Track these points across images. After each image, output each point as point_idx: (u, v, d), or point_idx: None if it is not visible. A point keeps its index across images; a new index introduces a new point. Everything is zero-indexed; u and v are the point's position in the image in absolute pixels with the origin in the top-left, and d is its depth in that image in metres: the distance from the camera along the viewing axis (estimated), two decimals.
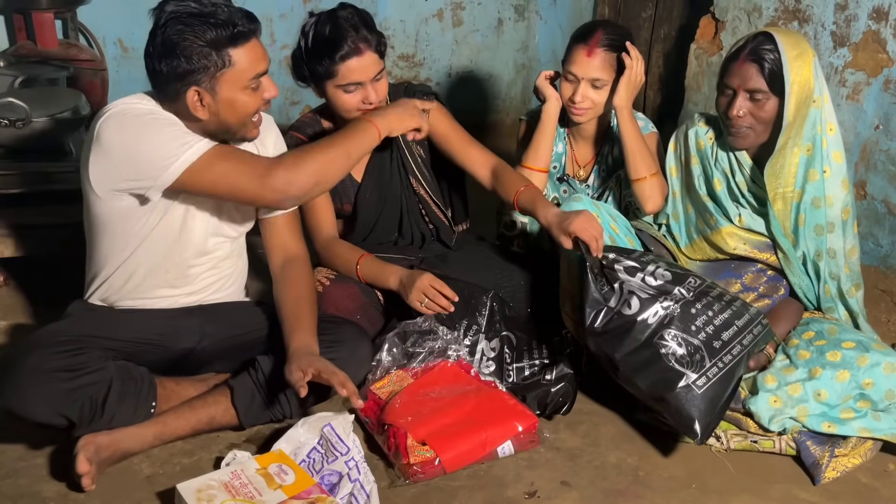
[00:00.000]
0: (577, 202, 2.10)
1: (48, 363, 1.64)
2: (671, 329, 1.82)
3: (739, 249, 2.10)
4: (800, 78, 1.93)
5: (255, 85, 1.71)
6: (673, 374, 1.77)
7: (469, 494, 1.74)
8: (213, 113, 1.70)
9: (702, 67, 3.28)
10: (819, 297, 2.12)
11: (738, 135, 2.03)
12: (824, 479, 1.82)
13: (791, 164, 2.00)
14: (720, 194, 2.13)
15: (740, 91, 1.98)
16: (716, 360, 1.81)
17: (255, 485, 1.60)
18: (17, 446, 1.79)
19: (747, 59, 1.97)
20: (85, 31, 3.43)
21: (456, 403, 1.89)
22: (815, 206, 2.02)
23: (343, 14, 2.02)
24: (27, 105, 2.37)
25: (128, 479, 1.72)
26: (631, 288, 1.85)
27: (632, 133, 2.21)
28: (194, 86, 1.66)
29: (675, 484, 1.81)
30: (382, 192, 2.24)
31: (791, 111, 1.95)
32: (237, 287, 2.04)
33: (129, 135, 1.66)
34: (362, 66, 2.00)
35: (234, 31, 1.64)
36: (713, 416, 1.77)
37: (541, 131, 2.27)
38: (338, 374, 1.68)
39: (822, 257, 2.06)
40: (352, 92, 2.03)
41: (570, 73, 2.22)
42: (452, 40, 4.30)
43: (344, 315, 2.05)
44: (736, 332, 1.85)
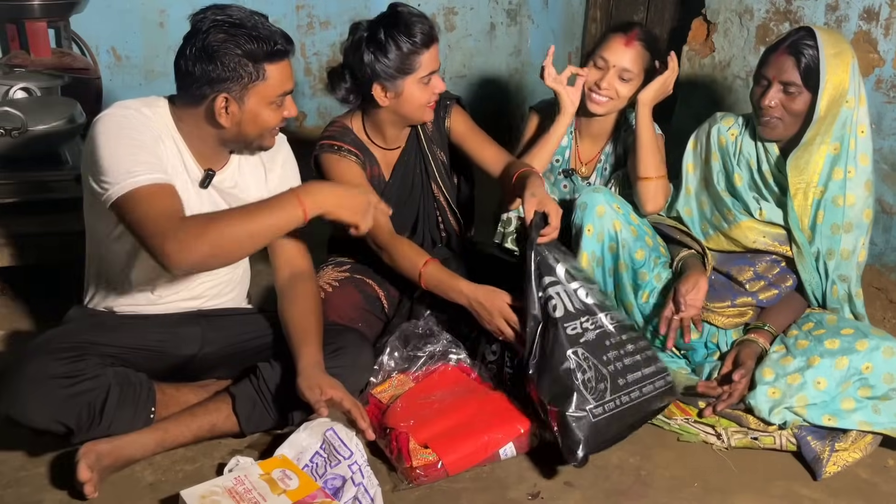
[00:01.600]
0: (598, 192, 2.11)
1: (47, 370, 1.64)
2: (584, 350, 1.83)
3: (759, 243, 2.11)
4: (835, 77, 1.95)
5: (280, 102, 1.75)
6: (575, 394, 1.77)
7: (472, 496, 1.74)
8: (236, 122, 1.73)
9: (694, 69, 3.30)
10: (825, 297, 2.13)
11: (768, 125, 2.04)
12: (825, 473, 1.83)
13: (817, 161, 2.02)
14: (740, 189, 2.13)
15: (775, 82, 2.00)
16: (616, 396, 1.82)
17: (259, 490, 1.59)
18: (18, 455, 1.78)
19: (786, 52, 1.99)
20: (78, 40, 3.44)
21: (457, 406, 1.90)
22: (835, 204, 2.04)
23: (403, 10, 2.01)
24: (23, 114, 2.37)
25: (130, 486, 1.71)
26: (560, 291, 1.87)
27: (649, 131, 2.21)
28: (225, 93, 1.69)
29: (677, 483, 1.82)
30: (404, 194, 2.25)
31: (823, 107, 1.96)
32: (237, 293, 2.04)
33: (100, 141, 1.67)
34: (434, 55, 2.03)
35: (274, 47, 1.69)
36: (594, 448, 1.78)
37: (547, 140, 2.26)
38: (357, 406, 1.70)
39: (834, 256, 2.07)
40: (426, 84, 2.04)
41: (602, 59, 2.22)
42: (445, 45, 4.31)
43: (346, 322, 2.06)
44: (640, 378, 1.88)
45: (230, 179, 1.86)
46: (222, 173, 1.84)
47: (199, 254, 1.60)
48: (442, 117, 2.24)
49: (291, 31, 4.10)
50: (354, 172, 2.13)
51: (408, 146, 2.24)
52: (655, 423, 2.00)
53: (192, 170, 1.80)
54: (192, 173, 1.80)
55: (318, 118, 4.17)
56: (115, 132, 1.67)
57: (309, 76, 4.10)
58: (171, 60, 1.77)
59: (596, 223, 2.10)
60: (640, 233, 2.16)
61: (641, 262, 2.14)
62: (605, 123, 2.36)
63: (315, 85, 4.13)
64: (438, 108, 2.23)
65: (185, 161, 1.78)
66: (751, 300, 2.13)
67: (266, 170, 1.92)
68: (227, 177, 1.85)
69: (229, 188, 1.86)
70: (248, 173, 1.90)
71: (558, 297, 1.87)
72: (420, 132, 2.24)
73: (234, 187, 1.86)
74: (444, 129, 2.25)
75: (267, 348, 1.91)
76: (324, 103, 4.15)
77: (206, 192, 1.82)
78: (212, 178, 1.81)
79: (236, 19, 1.68)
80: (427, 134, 2.25)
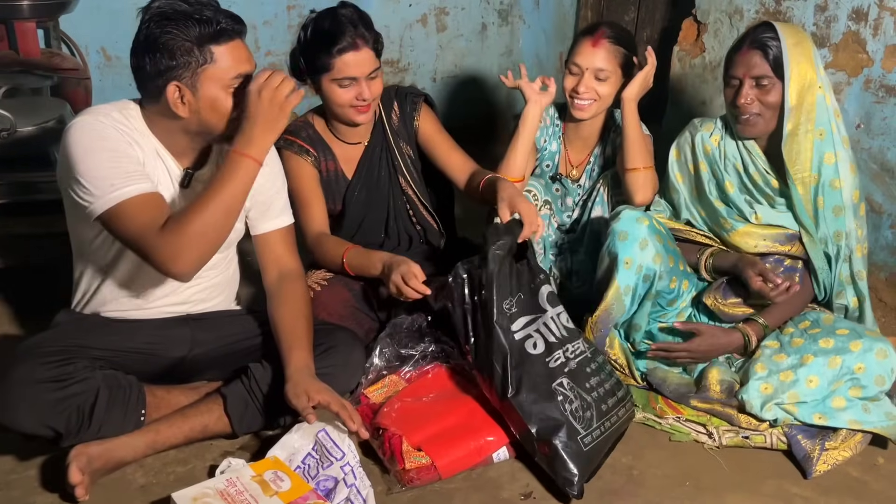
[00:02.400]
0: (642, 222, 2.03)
1: (35, 374, 1.63)
2: (568, 380, 1.83)
3: (760, 247, 2.11)
4: (799, 65, 1.98)
5: (237, 84, 1.69)
6: (565, 424, 1.77)
7: (465, 497, 1.74)
8: (194, 111, 1.69)
9: (685, 70, 3.31)
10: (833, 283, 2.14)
11: (748, 123, 2.05)
12: (816, 472, 1.84)
13: (806, 149, 2.03)
14: (733, 196, 2.14)
15: (746, 79, 2.01)
16: (601, 423, 1.83)
17: (250, 492, 1.59)
18: (8, 458, 1.78)
19: (751, 47, 2.01)
20: (67, 39, 3.41)
21: (451, 408, 1.89)
22: (833, 187, 2.05)
23: (343, 11, 2.07)
24: (12, 115, 2.36)
25: (121, 488, 1.71)
26: (541, 326, 1.87)
27: (634, 124, 2.23)
28: (175, 81, 1.65)
29: (669, 482, 1.82)
30: (371, 191, 2.26)
31: (793, 95, 1.99)
32: (226, 296, 2.03)
33: (77, 151, 1.64)
34: (358, 61, 2.04)
35: (218, 27, 1.65)
36: (587, 477, 1.77)
37: (515, 139, 2.26)
38: (346, 407, 1.69)
39: (842, 237, 2.08)
40: (346, 87, 2.07)
41: (575, 65, 2.24)
42: (437, 45, 4.31)
43: (335, 320, 2.06)
44: (617, 402, 1.89)
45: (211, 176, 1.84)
46: (203, 171, 1.82)
47: (192, 254, 1.63)
48: (409, 112, 2.25)
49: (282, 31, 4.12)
50: (304, 171, 2.18)
51: (372, 141, 2.25)
52: (647, 423, 2.00)
53: (172, 170, 1.78)
54: (173, 173, 1.79)
55: None
56: (91, 142, 1.65)
57: None
58: None
59: (636, 256, 2.02)
60: (676, 259, 2.13)
61: (672, 291, 2.14)
62: (592, 126, 2.37)
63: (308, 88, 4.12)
64: (405, 103, 2.25)
65: (165, 162, 1.77)
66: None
67: None
68: (208, 173, 1.83)
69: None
70: None
71: (538, 333, 1.86)
72: (385, 126, 2.24)
73: None
74: (412, 125, 2.26)
75: (257, 349, 1.91)
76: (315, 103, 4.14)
77: (188, 192, 1.81)
78: (191, 177, 1.80)
79: (178, 6, 1.64)
80: (393, 128, 2.25)
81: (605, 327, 2.09)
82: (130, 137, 1.71)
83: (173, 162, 1.78)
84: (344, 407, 1.69)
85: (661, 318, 2.18)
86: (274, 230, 1.95)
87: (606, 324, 2.09)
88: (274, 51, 3.90)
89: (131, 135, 1.72)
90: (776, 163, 2.09)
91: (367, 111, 2.13)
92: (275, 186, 1.94)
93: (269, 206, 1.93)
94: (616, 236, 2.04)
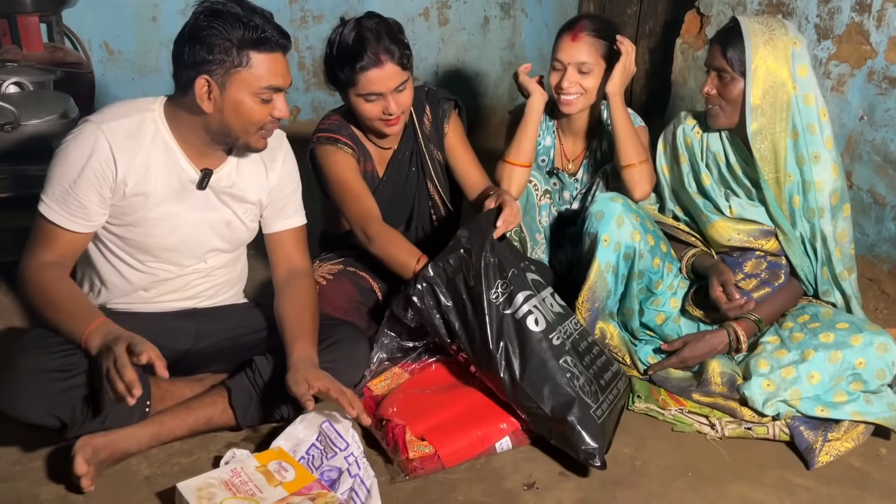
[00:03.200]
0: (616, 202, 2.07)
1: (40, 364, 1.64)
2: (571, 357, 1.85)
3: (734, 240, 2.12)
4: (765, 64, 1.97)
5: (266, 96, 1.71)
6: (577, 400, 1.78)
7: (468, 487, 1.75)
8: (218, 109, 1.70)
9: (687, 62, 3.31)
10: (817, 280, 2.15)
11: (710, 113, 2.09)
12: (818, 463, 1.85)
13: (780, 149, 2.03)
14: (708, 188, 2.15)
15: (711, 69, 2.06)
16: (605, 395, 1.86)
17: (255, 482, 1.60)
18: (13, 450, 1.78)
19: (715, 40, 2.06)
20: (70, 34, 3.42)
21: (454, 399, 1.90)
22: (806, 190, 2.05)
23: (368, 24, 2.02)
24: (15, 109, 2.36)
25: (127, 480, 1.71)
26: (538, 304, 1.87)
27: (623, 120, 2.23)
28: (207, 75, 1.67)
29: (671, 472, 1.83)
30: (397, 191, 2.25)
31: (756, 94, 1.99)
32: (234, 293, 2.04)
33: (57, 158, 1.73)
34: (382, 77, 2.01)
35: (261, 35, 1.67)
36: (606, 447, 1.80)
37: (523, 126, 2.28)
38: (346, 392, 1.68)
39: (818, 239, 2.09)
40: (372, 101, 2.05)
41: (557, 61, 2.25)
42: (439, 39, 4.31)
43: (340, 315, 2.06)
44: (612, 377, 1.93)
45: (227, 179, 1.84)
46: (219, 172, 1.83)
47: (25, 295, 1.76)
48: (440, 117, 2.25)
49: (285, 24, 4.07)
50: (349, 164, 2.14)
51: (402, 144, 2.25)
52: (650, 414, 2.01)
53: (187, 171, 1.79)
54: (188, 174, 1.79)
55: (311, 112, 4.17)
56: (70, 156, 1.70)
57: (303, 70, 4.10)
58: (163, 55, 1.78)
59: (614, 233, 2.06)
60: (656, 240, 2.15)
61: (657, 271, 2.15)
62: (583, 120, 2.37)
63: (309, 79, 4.12)
64: (436, 108, 2.25)
65: (180, 164, 1.78)
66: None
67: (267, 168, 1.90)
68: (224, 176, 1.84)
69: (226, 188, 1.85)
70: (248, 173, 1.88)
71: (537, 310, 1.87)
72: (418, 131, 2.24)
73: (231, 187, 1.85)
74: (443, 130, 2.26)
75: (262, 342, 1.92)
76: (318, 97, 4.15)
77: (203, 194, 1.81)
78: (209, 177, 1.80)
79: (232, 7, 1.67)
80: (425, 133, 2.25)
81: (592, 307, 2.11)
82: (134, 149, 1.73)
83: (188, 163, 1.79)
84: (343, 393, 1.68)
85: (653, 305, 2.18)
86: (287, 230, 1.96)
87: (593, 303, 2.10)
88: None
89: (141, 142, 1.73)
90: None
91: (397, 123, 2.11)
92: (290, 186, 1.95)
93: (283, 205, 1.94)
94: (593, 217, 2.09)
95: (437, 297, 1.88)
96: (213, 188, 1.82)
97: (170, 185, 1.77)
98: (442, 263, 1.88)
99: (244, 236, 1.93)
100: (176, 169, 1.78)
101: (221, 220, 1.86)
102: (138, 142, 1.73)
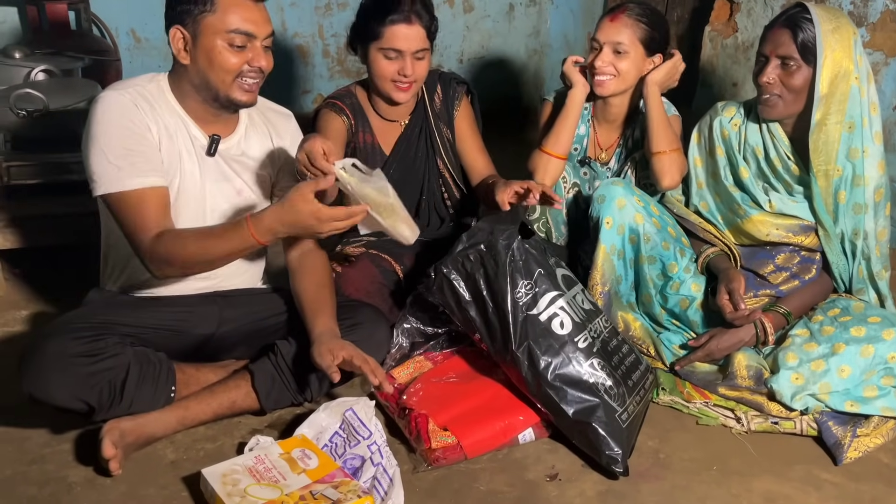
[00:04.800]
0: (616, 185, 2.09)
1: (68, 348, 1.66)
2: (598, 359, 1.82)
3: (773, 235, 2.08)
4: (834, 53, 1.92)
5: (238, 42, 1.70)
6: (601, 404, 1.76)
7: (490, 477, 1.75)
8: (194, 60, 1.71)
9: (716, 50, 3.26)
10: (852, 278, 2.11)
11: (767, 103, 2.01)
12: (846, 459, 1.82)
13: (833, 141, 1.98)
14: (747, 182, 2.11)
15: (772, 57, 1.98)
16: (632, 398, 1.83)
17: (279, 469, 1.61)
18: (43, 432, 1.81)
19: (782, 26, 1.97)
20: (98, 22, 3.45)
21: (478, 389, 1.90)
22: (855, 184, 2.01)
23: None
24: (44, 96, 2.39)
25: (152, 464, 1.73)
26: (564, 305, 1.84)
27: (657, 107, 2.20)
28: (179, 24, 1.67)
29: (695, 465, 1.81)
30: (406, 169, 2.26)
31: (824, 84, 1.93)
32: (252, 273, 2.05)
33: (96, 129, 1.71)
34: (407, 35, 2.06)
35: None
36: (629, 453, 1.78)
37: (564, 117, 2.26)
38: (368, 361, 1.69)
39: (860, 236, 2.05)
40: (391, 59, 2.08)
41: (595, 41, 2.23)
42: (464, 26, 4.29)
43: (362, 297, 2.07)
44: (640, 377, 1.90)
45: (237, 147, 1.86)
46: (228, 140, 1.84)
47: (174, 272, 1.76)
48: (452, 97, 2.26)
49: (309, 12, 4.12)
50: (336, 126, 2.17)
51: (412, 121, 2.26)
52: (675, 407, 1.99)
53: (196, 138, 1.81)
54: (198, 141, 1.81)
55: None
56: (110, 121, 1.69)
57: (327, 58, 4.09)
58: None
59: (616, 215, 2.07)
60: (663, 224, 2.14)
61: (669, 254, 2.13)
62: (620, 107, 2.34)
63: (333, 67, 4.12)
64: (447, 88, 2.26)
65: (190, 130, 1.80)
66: (772, 292, 2.12)
67: (273, 143, 1.92)
68: (234, 144, 1.85)
69: (236, 156, 1.86)
70: (256, 143, 1.90)
71: (563, 311, 1.84)
72: (427, 107, 2.25)
73: (241, 155, 1.87)
74: (453, 111, 2.27)
75: (284, 326, 1.93)
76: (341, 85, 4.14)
77: (213, 161, 1.83)
78: (217, 143, 1.81)
79: None
80: (435, 110, 2.25)
81: (603, 291, 2.10)
82: (153, 112, 1.74)
83: (197, 129, 1.80)
84: (366, 361, 1.68)
85: (673, 290, 2.14)
86: None
87: (604, 286, 2.10)
88: (301, 32, 3.91)
89: (155, 107, 1.75)
90: (801, 149, 2.05)
91: (408, 91, 2.13)
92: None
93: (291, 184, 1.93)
94: (595, 201, 2.11)
95: (457, 293, 1.87)
96: (222, 156, 1.83)
97: (187, 150, 1.79)
98: (461, 258, 1.87)
99: (257, 206, 1.93)
100: (187, 134, 1.79)
101: (233, 189, 1.87)
102: (155, 107, 1.76)
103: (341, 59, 4.09)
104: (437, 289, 1.87)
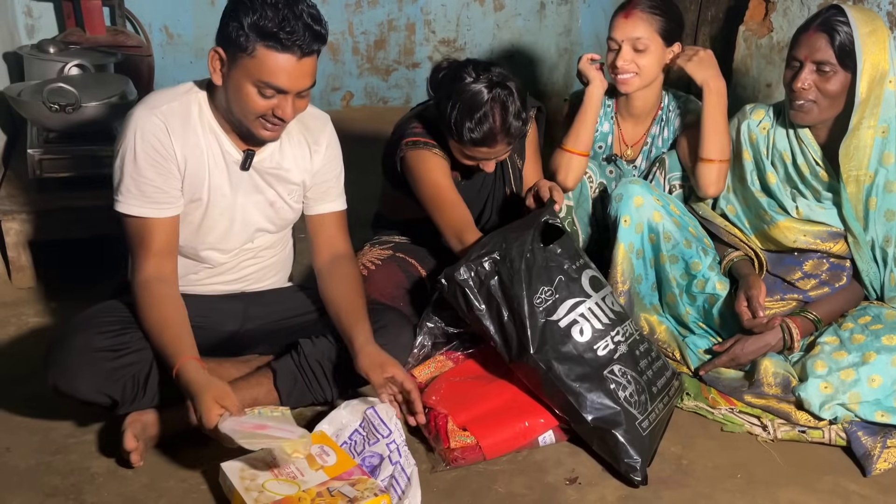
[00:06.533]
0: (635, 184, 2.07)
1: (93, 343, 1.68)
2: (620, 365, 1.79)
3: (800, 242, 2.04)
4: (872, 56, 1.87)
5: (268, 92, 1.66)
6: (622, 412, 1.74)
7: (509, 479, 1.74)
8: (225, 85, 1.70)
9: (750, 50, 3.20)
10: (884, 286, 2.06)
11: (801, 109, 1.96)
12: (875, 470, 1.78)
13: (865, 146, 1.93)
14: (774, 187, 2.07)
15: (807, 62, 1.92)
16: (655, 405, 1.80)
17: (297, 465, 1.61)
18: (67, 423, 1.84)
19: (818, 30, 1.91)
20: (132, 18, 3.49)
21: (498, 390, 1.89)
22: (888, 190, 1.96)
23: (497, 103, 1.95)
24: (77, 90, 2.42)
25: (173, 457, 1.75)
26: (586, 311, 1.82)
27: (716, 109, 2.13)
28: (220, 47, 1.66)
29: (719, 473, 1.78)
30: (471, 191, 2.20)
31: (864, 88, 1.88)
32: (280, 276, 2.05)
33: (121, 145, 1.74)
34: (488, 153, 2.01)
35: (274, 31, 1.60)
36: (649, 461, 1.75)
37: (582, 114, 2.24)
38: (417, 389, 1.77)
39: (892, 243, 2.00)
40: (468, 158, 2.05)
41: (612, 40, 2.19)
42: (494, 24, 4.27)
43: (386, 300, 2.06)
44: (665, 383, 1.87)
45: (270, 160, 1.85)
46: (262, 153, 1.83)
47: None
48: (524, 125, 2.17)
49: (339, 9, 4.12)
50: (444, 169, 2.10)
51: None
52: (699, 413, 1.96)
53: (229, 153, 1.80)
54: (230, 156, 1.80)
55: (364, 98, 4.17)
56: (136, 146, 1.71)
57: (357, 55, 4.10)
58: None
59: (634, 214, 2.05)
60: (683, 223, 2.11)
61: (692, 253, 2.09)
62: (644, 103, 2.29)
63: (362, 64, 4.12)
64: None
65: (223, 146, 1.79)
66: (800, 296, 2.08)
67: (311, 151, 1.90)
68: (267, 157, 1.84)
69: (270, 168, 1.85)
70: (291, 155, 1.88)
71: (584, 318, 1.82)
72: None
73: (276, 168, 1.86)
74: (524, 139, 2.22)
75: (307, 325, 1.93)
76: (371, 83, 4.15)
77: (246, 174, 1.82)
78: (251, 158, 1.81)
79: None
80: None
81: (624, 290, 2.08)
82: (184, 132, 1.74)
83: (231, 145, 1.79)
84: (416, 388, 1.76)
85: (698, 288, 2.11)
86: (330, 212, 1.97)
87: (624, 284, 2.08)
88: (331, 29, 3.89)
89: (186, 126, 1.74)
90: (830, 155, 2.00)
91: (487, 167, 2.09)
92: (334, 171, 1.95)
93: (327, 189, 1.95)
94: (614, 200, 2.11)
95: (469, 300, 1.85)
96: (256, 169, 1.83)
97: (217, 165, 1.79)
98: (474, 266, 1.84)
99: (289, 216, 1.94)
100: (219, 150, 1.79)
101: (265, 201, 1.87)
102: (188, 124, 1.75)
103: (371, 57, 4.10)
104: (450, 295, 1.86)
